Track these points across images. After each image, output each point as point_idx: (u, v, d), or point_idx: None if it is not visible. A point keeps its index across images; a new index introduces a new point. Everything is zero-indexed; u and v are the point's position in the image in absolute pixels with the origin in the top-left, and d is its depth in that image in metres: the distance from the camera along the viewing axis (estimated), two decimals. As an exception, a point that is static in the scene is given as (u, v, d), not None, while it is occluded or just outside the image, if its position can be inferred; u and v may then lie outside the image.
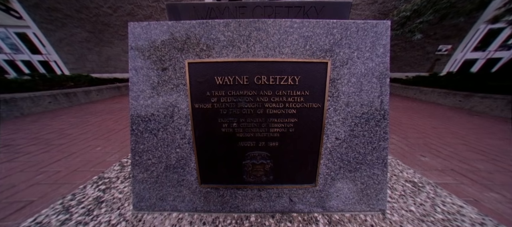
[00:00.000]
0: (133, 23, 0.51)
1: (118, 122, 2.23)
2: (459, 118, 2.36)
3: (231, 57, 0.51)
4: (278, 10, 0.57)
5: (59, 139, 1.65)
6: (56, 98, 2.92)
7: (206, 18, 0.57)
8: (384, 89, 0.55)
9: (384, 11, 4.51)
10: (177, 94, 0.54)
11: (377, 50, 0.52)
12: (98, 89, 3.83)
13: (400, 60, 5.35)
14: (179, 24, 0.50)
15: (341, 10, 0.57)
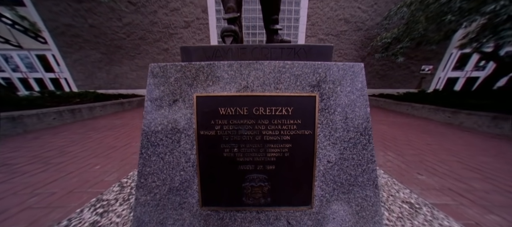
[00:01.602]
0: (154, 64, 0.61)
1: (118, 138, 2.26)
2: (451, 134, 2.42)
3: (233, 91, 0.59)
4: (273, 51, 0.68)
5: (58, 157, 1.66)
6: (61, 115, 2.99)
7: (213, 58, 0.68)
8: (366, 117, 0.63)
9: (369, 36, 4.99)
10: (185, 122, 0.62)
11: (356, 85, 0.61)
12: (102, 105, 3.94)
13: (389, 78, 5.69)
14: (191, 64, 0.60)
15: (325, 52, 0.69)
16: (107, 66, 5.53)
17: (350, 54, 5.27)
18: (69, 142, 2.11)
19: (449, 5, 2.96)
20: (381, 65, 5.27)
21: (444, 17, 3.07)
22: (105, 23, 4.98)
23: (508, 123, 2.19)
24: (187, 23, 4.79)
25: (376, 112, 4.10)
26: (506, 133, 2.25)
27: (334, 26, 4.85)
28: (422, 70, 5.70)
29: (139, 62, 5.53)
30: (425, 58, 5.41)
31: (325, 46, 0.69)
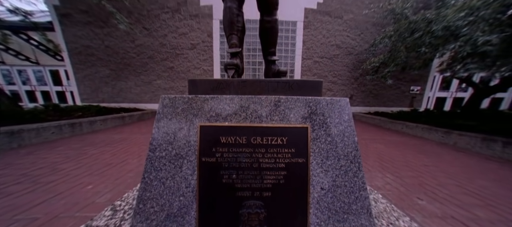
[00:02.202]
0: (164, 95, 0.69)
1: (116, 155, 2.23)
2: (446, 154, 2.45)
3: (234, 122, 0.67)
4: (270, 85, 0.78)
5: (49, 175, 1.58)
6: (61, 129, 3.00)
7: (216, 90, 0.77)
8: (354, 146, 0.69)
9: (360, 60, 5.45)
10: (187, 149, 0.67)
11: (343, 117, 0.69)
12: (103, 119, 3.97)
13: (382, 96, 5.98)
14: (197, 97, 0.68)
15: (316, 86, 0.79)
16: (113, 81, 5.80)
17: (344, 75, 5.64)
18: (64, 158, 2.04)
19: (421, 40, 3.40)
20: (373, 85, 5.60)
21: (419, 48, 3.49)
22: (119, 44, 5.50)
23: (498, 145, 2.25)
24: (193, 45, 5.25)
25: (373, 131, 4.15)
26: (498, 155, 2.28)
27: (328, 50, 5.33)
28: (412, 90, 6.04)
29: (144, 78, 5.81)
30: (412, 80, 5.80)
31: (316, 81, 0.80)
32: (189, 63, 5.43)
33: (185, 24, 5.17)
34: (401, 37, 3.96)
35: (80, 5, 4.93)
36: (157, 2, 5.19)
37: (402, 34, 3.93)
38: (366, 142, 3.06)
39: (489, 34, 2.28)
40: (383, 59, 4.43)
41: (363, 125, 4.89)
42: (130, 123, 4.64)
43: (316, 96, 0.78)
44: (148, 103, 5.96)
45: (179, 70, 5.53)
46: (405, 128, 3.90)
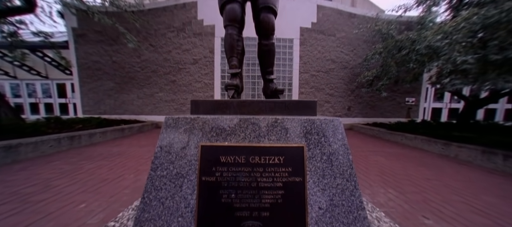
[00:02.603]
0: (168, 116, 0.74)
1: (112, 169, 2.19)
2: (448, 167, 2.42)
3: (233, 142, 0.70)
4: (268, 105, 0.84)
5: (41, 193, 1.51)
6: (59, 142, 2.98)
7: (217, 110, 0.83)
8: (349, 164, 0.71)
9: (354, 73, 5.72)
10: (188, 168, 0.69)
11: (337, 136, 0.73)
12: (103, 131, 3.97)
13: (379, 108, 6.11)
14: (199, 118, 0.73)
15: (310, 106, 0.84)
16: (117, 94, 5.97)
17: (340, 87, 5.84)
18: (58, 173, 1.98)
19: (408, 56, 3.65)
20: (369, 97, 5.76)
21: (408, 64, 3.73)
22: (126, 59, 5.86)
23: (499, 158, 2.24)
24: (195, 61, 5.54)
25: (373, 142, 4.12)
26: (500, 168, 2.26)
27: (323, 64, 5.62)
28: (407, 101, 6.20)
29: (147, 91, 5.97)
30: (406, 92, 5.99)
31: (310, 101, 0.85)
32: (191, 77, 5.65)
33: (188, 42, 5.53)
34: (390, 54, 4.24)
35: (95, 26, 5.37)
36: (164, 22, 5.63)
37: (390, 51, 4.22)
38: (366, 154, 3.04)
39: (464, 55, 2.45)
40: (376, 73, 4.66)
41: (362, 136, 4.87)
42: (129, 135, 4.62)
43: (311, 115, 0.84)
44: (149, 115, 6.02)
45: (181, 84, 5.73)
46: (404, 139, 3.89)
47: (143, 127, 5.31)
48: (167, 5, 5.62)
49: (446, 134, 3.23)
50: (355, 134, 5.25)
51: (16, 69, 7.69)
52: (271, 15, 1.11)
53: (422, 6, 4.37)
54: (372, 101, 5.93)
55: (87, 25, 5.53)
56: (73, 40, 5.75)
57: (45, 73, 7.76)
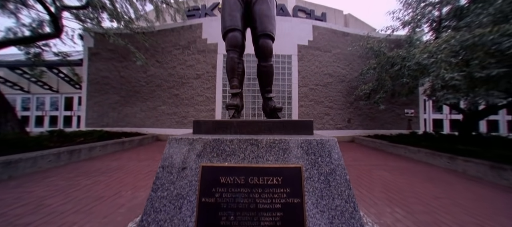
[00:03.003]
0: (171, 137, 0.78)
1: (109, 185, 2.13)
2: (456, 183, 2.32)
3: (233, 163, 0.73)
4: (267, 125, 0.88)
5: (31, 214, 1.43)
6: (59, 157, 2.97)
7: (218, 130, 0.87)
8: (347, 185, 0.72)
9: (352, 86, 5.90)
10: (188, 189, 0.71)
11: (333, 156, 0.76)
12: (103, 144, 3.97)
13: (379, 119, 6.12)
14: (200, 139, 0.77)
15: (307, 125, 0.89)
16: (120, 107, 6.15)
17: (339, 100, 5.95)
18: (53, 191, 1.91)
19: (401, 71, 3.82)
20: (368, 109, 5.82)
21: (401, 79, 3.88)
22: (133, 74, 6.21)
23: (509, 173, 2.17)
24: (198, 76, 5.81)
25: (375, 155, 4.02)
26: (512, 185, 2.17)
27: (321, 78, 5.83)
28: (406, 113, 6.22)
29: (150, 104, 6.12)
30: (405, 104, 6.07)
31: (306, 121, 0.90)
32: (193, 91, 5.85)
33: (192, 58, 5.88)
34: (384, 69, 4.44)
35: (108, 46, 5.84)
36: (171, 41, 6.08)
37: (384, 66, 4.43)
38: (370, 168, 2.96)
39: (451, 72, 2.57)
40: (373, 87, 4.81)
41: (364, 149, 4.77)
42: (129, 148, 4.59)
43: (308, 135, 0.87)
44: (150, 128, 6.07)
45: (183, 97, 5.90)
46: (407, 152, 3.81)
47: (143, 139, 5.31)
48: (175, 27, 6.14)
49: (450, 147, 3.17)
50: (357, 146, 5.16)
51: (31, 85, 8.21)
52: (269, 41, 1.23)
53: (407, 27, 4.73)
54: (371, 113, 5.97)
55: (102, 45, 6.05)
56: (87, 58, 6.26)
57: (56, 87, 8.24)
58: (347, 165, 3.30)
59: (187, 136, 0.78)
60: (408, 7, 4.68)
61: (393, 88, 4.49)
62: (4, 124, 3.67)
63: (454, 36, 2.61)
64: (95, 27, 4.58)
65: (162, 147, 5.04)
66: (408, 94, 4.47)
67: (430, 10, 4.33)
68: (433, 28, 4.63)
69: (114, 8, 4.37)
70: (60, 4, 3.87)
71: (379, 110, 5.13)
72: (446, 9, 4.17)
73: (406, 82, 3.83)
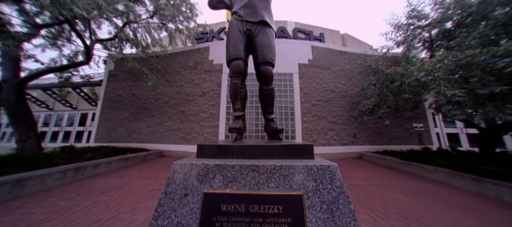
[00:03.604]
0: (176, 161, 0.82)
1: (109, 206, 2.09)
2: (491, 212, 1.96)
3: (235, 189, 0.74)
4: (267, 150, 0.90)
5: None
6: (65, 174, 3.01)
7: (221, 154, 0.90)
8: (352, 215, 0.69)
9: (354, 101, 5.91)
10: (189, 217, 0.71)
11: (335, 183, 0.75)
12: (108, 161, 4.02)
13: (387, 134, 5.89)
14: (203, 165, 0.80)
15: (308, 150, 0.90)
16: (129, 122, 6.43)
17: (342, 115, 5.90)
18: (52, 212, 1.88)
19: (402, 87, 3.83)
20: (374, 123, 5.66)
21: (403, 94, 3.86)
22: (144, 92, 6.68)
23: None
24: (203, 93, 6.11)
25: (387, 174, 3.74)
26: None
27: (323, 94, 5.92)
28: (415, 127, 5.96)
29: (156, 120, 6.34)
30: (412, 118, 5.87)
31: (307, 145, 0.92)
32: (198, 108, 6.07)
33: (199, 77, 6.29)
34: (384, 85, 4.47)
35: (125, 68, 6.59)
36: (180, 62, 6.64)
37: (384, 82, 4.47)
38: (382, 190, 2.71)
39: (452, 89, 2.53)
40: (375, 102, 4.75)
41: (374, 167, 4.46)
42: (132, 165, 4.60)
43: (308, 159, 0.88)
44: (155, 143, 6.16)
45: (188, 114, 6.11)
46: (423, 171, 3.50)
47: (147, 156, 5.34)
48: (185, 50, 6.78)
49: (473, 167, 2.84)
50: (366, 163, 4.86)
51: (56, 103, 9.21)
52: (269, 67, 1.34)
53: (402, 46, 4.94)
54: (377, 128, 5.78)
55: (120, 68, 6.86)
56: (106, 79, 7.04)
57: (75, 105, 9.11)
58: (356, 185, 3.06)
59: (190, 161, 0.82)
60: (398, 29, 4.98)
61: (396, 103, 4.43)
62: (26, 140, 3.94)
63: (447, 56, 2.67)
64: (117, 53, 5.28)
65: (164, 164, 5.04)
66: (413, 109, 4.37)
67: (420, 32, 4.56)
68: (427, 47, 4.80)
69: (135, 38, 5.10)
70: (94, 38, 4.70)
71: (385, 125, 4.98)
72: (435, 31, 4.38)
73: (408, 97, 3.80)
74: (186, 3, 5.38)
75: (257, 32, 1.32)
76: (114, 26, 4.39)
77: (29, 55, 4.23)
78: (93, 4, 3.31)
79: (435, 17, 4.23)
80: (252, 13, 1.33)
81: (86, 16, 3.29)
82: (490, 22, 2.81)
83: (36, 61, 4.38)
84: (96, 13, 3.59)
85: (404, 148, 5.35)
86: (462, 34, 3.21)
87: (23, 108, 4.10)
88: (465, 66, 2.49)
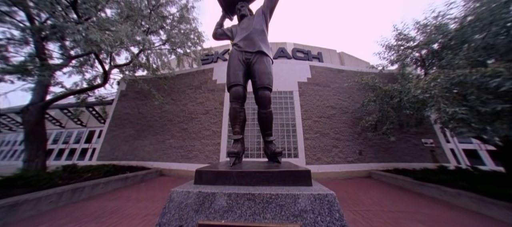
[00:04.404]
0: (173, 189, 0.83)
1: (100, 235, 1.97)
2: None
3: (230, 220, 0.72)
4: (265, 176, 0.91)
5: None
6: (61, 196, 2.93)
7: (218, 181, 0.91)
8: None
9: (356, 117, 5.87)
10: (183, 252, 0.68)
11: (334, 215, 0.72)
12: (107, 181, 3.94)
13: (395, 151, 5.61)
14: (200, 193, 0.80)
15: (305, 175, 0.90)
16: (133, 140, 6.54)
17: (346, 131, 5.78)
18: None
19: (402, 103, 3.83)
20: (379, 139, 5.44)
21: (404, 110, 3.82)
22: (149, 111, 7.00)
23: None
24: (206, 111, 6.29)
25: (401, 196, 3.37)
26: None
27: (324, 111, 5.96)
28: (425, 143, 5.67)
29: (159, 138, 6.40)
30: (420, 133, 5.65)
31: (304, 170, 0.92)
32: (201, 125, 6.17)
33: (203, 96, 6.59)
34: (384, 101, 4.49)
35: (135, 88, 7.10)
36: (186, 82, 7.08)
37: (383, 99, 4.50)
38: (397, 217, 2.36)
39: (451, 106, 2.48)
40: (377, 118, 4.68)
41: (385, 187, 4.07)
42: (131, 185, 4.47)
43: (306, 186, 0.87)
44: (156, 161, 6.08)
45: (191, 131, 6.18)
46: (443, 194, 3.06)
47: (147, 174, 5.23)
48: (191, 71, 7.31)
49: (501, 191, 2.43)
50: (377, 184, 4.48)
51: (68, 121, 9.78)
52: (267, 91, 1.44)
53: (396, 64, 5.14)
54: (384, 144, 5.54)
55: (131, 88, 7.42)
56: (117, 98, 7.56)
57: (86, 122, 9.57)
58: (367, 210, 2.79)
59: (187, 188, 0.82)
60: (390, 50, 5.27)
61: (399, 119, 4.35)
62: (33, 159, 4.06)
63: (439, 75, 2.73)
64: (130, 75, 5.86)
65: (163, 183, 4.87)
66: (418, 125, 4.25)
67: (411, 52, 4.80)
68: (420, 65, 4.97)
69: (148, 62, 5.73)
70: (113, 64, 5.45)
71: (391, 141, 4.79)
72: (424, 51, 4.61)
73: (410, 113, 3.75)
74: (195, 32, 6.04)
75: (255, 61, 1.46)
76: (130, 53, 4.94)
77: (57, 82, 4.91)
78: (117, 40, 3.87)
79: (421, 40, 4.51)
80: (250, 44, 1.50)
81: (110, 50, 3.89)
82: (472, 45, 2.96)
83: (62, 87, 5.08)
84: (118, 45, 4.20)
85: (416, 165, 5.02)
86: (449, 56, 3.35)
87: (40, 128, 4.36)
88: (459, 84, 2.52)
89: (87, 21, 4.13)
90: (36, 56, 4.20)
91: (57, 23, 3.73)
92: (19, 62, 4.06)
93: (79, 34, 3.44)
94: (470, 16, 3.27)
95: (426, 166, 4.88)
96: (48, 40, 4.43)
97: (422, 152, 5.61)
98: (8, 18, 4.01)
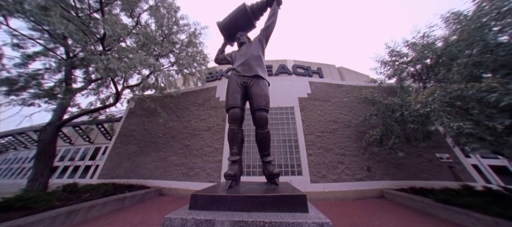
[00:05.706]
0: (167, 215, 0.83)
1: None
2: None
3: (222, 252, 0.70)
4: (260, 201, 0.90)
5: None
6: (54, 221, 2.83)
7: (213, 206, 0.90)
8: None
9: (359, 130, 5.74)
10: None
11: (330, 245, 0.69)
12: (104, 202, 3.83)
13: (407, 167, 5.22)
14: (193, 220, 0.80)
15: (301, 200, 0.88)
16: (135, 156, 6.56)
17: (350, 146, 5.58)
18: None
19: (404, 117, 3.73)
20: (387, 154, 5.08)
21: (408, 124, 3.71)
22: (154, 127, 7.19)
23: None
24: (209, 128, 6.38)
25: (423, 224, 2.91)
26: None
27: (326, 125, 5.90)
28: (441, 158, 5.27)
29: (162, 154, 6.38)
30: (432, 147, 5.33)
31: (300, 195, 0.91)
32: (203, 142, 6.18)
33: (206, 113, 6.77)
34: (386, 115, 4.42)
35: (143, 106, 7.37)
36: (190, 100, 7.39)
37: (385, 112, 4.44)
38: None
39: (454, 121, 2.40)
40: (381, 132, 4.51)
41: (402, 211, 3.58)
42: (128, 206, 4.31)
43: (301, 212, 0.85)
44: (156, 179, 5.94)
45: (193, 148, 6.17)
46: (476, 223, 2.54)
47: (145, 194, 5.07)
48: (195, 89, 7.69)
49: None
50: (392, 206, 3.96)
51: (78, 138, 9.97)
52: (264, 113, 1.50)
53: (393, 79, 5.24)
54: (394, 159, 5.18)
55: (139, 106, 7.82)
56: (125, 116, 7.93)
57: (93, 139, 9.84)
58: (386, 242, 2.44)
59: (181, 215, 0.82)
60: (385, 65, 5.45)
61: (405, 133, 4.19)
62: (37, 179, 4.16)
63: (436, 90, 2.75)
64: (140, 94, 6.27)
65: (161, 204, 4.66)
66: (426, 139, 4.05)
67: (406, 67, 4.94)
68: (416, 79, 5.04)
69: (156, 82, 6.14)
70: (125, 85, 6.08)
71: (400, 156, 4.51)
72: (419, 66, 4.74)
73: (415, 127, 3.63)
74: (201, 54, 6.60)
75: (252, 84, 1.58)
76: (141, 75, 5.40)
77: (75, 103, 5.47)
78: (131, 67, 4.39)
79: (414, 56, 4.69)
80: (247, 69, 1.64)
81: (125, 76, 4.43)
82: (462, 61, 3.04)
83: (79, 108, 5.65)
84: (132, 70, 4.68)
85: (434, 184, 4.60)
86: (442, 71, 3.43)
87: (52, 146, 4.61)
88: (458, 98, 2.51)
89: (109, 51, 4.77)
90: (63, 81, 4.88)
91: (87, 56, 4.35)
92: (48, 87, 4.73)
93: (101, 62, 3.94)
94: (453, 36, 3.47)
95: (446, 184, 4.44)
96: (76, 68, 5.18)
97: (439, 168, 5.16)
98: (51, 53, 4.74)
